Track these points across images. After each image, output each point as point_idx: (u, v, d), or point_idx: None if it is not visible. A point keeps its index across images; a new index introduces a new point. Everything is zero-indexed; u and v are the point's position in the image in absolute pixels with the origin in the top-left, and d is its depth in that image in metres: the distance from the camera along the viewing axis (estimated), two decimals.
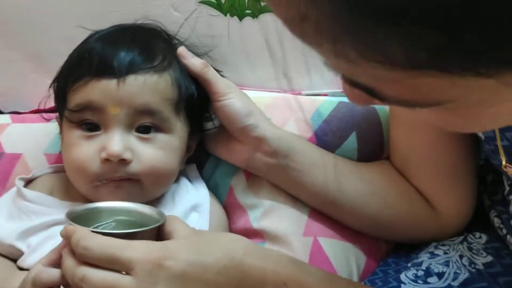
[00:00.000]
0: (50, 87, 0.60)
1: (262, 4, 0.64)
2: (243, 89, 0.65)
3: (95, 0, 0.64)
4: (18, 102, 0.70)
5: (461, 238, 0.60)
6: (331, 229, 0.60)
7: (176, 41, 0.63)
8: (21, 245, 0.52)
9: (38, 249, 0.51)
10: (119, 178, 0.52)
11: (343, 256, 0.59)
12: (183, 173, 0.61)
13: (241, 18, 0.65)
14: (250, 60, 0.68)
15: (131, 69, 0.53)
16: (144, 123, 0.53)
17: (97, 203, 0.48)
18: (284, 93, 0.69)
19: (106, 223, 0.46)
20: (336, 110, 0.64)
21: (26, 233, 0.52)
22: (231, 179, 0.63)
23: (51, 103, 0.66)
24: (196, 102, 0.58)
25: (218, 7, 0.64)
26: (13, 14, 0.65)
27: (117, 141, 0.51)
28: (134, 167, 0.52)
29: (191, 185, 0.60)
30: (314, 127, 0.63)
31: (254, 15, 0.65)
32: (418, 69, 0.25)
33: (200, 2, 0.64)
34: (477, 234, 0.60)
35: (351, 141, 0.63)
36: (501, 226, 0.57)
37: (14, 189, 0.58)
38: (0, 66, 0.68)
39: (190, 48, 0.63)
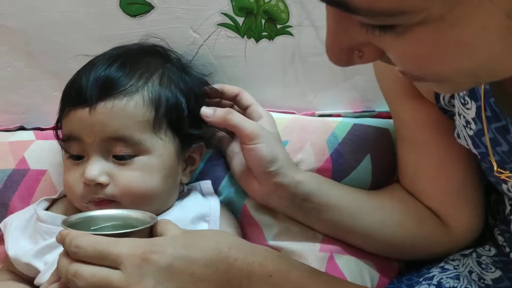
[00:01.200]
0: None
1: (278, 26, 0.66)
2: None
3: (116, 21, 0.66)
4: (40, 119, 0.71)
5: (470, 250, 0.62)
6: (345, 247, 0.62)
7: (175, 56, 0.63)
8: (37, 263, 0.54)
9: (54, 266, 0.52)
10: (99, 199, 0.54)
11: (358, 272, 0.60)
12: (197, 188, 0.63)
13: (257, 40, 0.67)
14: (266, 79, 0.70)
15: (101, 96, 0.54)
16: (118, 154, 0.54)
17: (92, 211, 0.51)
18: (299, 113, 0.70)
19: (101, 227, 0.48)
20: (351, 132, 0.66)
21: (43, 251, 0.54)
22: (245, 197, 0.64)
23: None
24: (185, 115, 0.58)
25: (236, 29, 0.67)
26: (35, 35, 0.67)
27: (93, 167, 0.54)
28: (110, 189, 0.54)
29: (203, 198, 0.61)
30: (330, 150, 0.65)
31: (270, 37, 0.67)
32: None
33: (218, 24, 0.66)
34: (487, 247, 0.62)
35: (366, 163, 0.65)
36: (504, 244, 0.60)
37: (32, 207, 0.60)
38: (22, 84, 0.70)
39: (194, 69, 0.64)
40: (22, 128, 0.71)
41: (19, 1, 0.64)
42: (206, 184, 0.63)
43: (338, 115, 0.70)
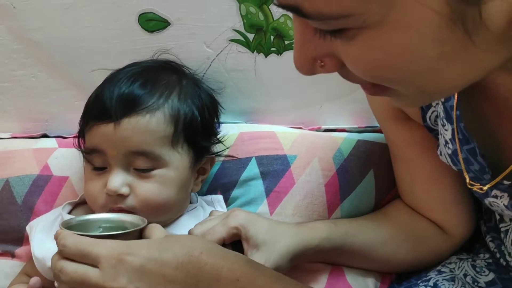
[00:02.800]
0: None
1: (286, 42, 0.70)
2: (268, 121, 0.71)
3: (135, 37, 0.69)
4: (61, 127, 0.75)
5: (468, 256, 0.66)
6: None
7: (188, 71, 0.67)
8: None
9: None
10: (118, 209, 0.57)
11: (361, 279, 0.64)
12: (209, 203, 0.66)
13: (266, 54, 0.71)
14: (274, 91, 0.73)
15: (125, 112, 0.57)
16: (138, 164, 0.57)
17: (89, 215, 0.54)
18: (305, 127, 0.74)
19: (103, 226, 0.52)
20: (356, 148, 0.70)
21: None
22: (255, 211, 0.67)
23: None
24: (200, 128, 0.61)
25: (247, 44, 0.70)
26: (59, 48, 0.70)
27: (114, 179, 0.56)
28: (130, 200, 0.57)
29: (210, 208, 0.64)
30: (336, 166, 0.69)
31: (278, 52, 0.71)
32: None
33: (230, 40, 0.70)
34: (481, 255, 0.65)
35: (369, 178, 0.69)
36: (495, 250, 0.63)
37: (56, 210, 0.63)
38: (46, 93, 0.73)
39: (206, 83, 0.68)
40: (45, 136, 0.74)
41: (45, 17, 0.68)
42: (217, 197, 0.67)
43: (343, 130, 0.73)
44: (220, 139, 0.67)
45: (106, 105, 0.57)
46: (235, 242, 0.58)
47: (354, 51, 0.34)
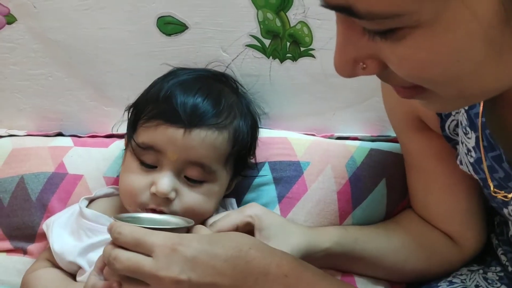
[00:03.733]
0: (125, 110, 0.65)
1: (302, 49, 0.71)
2: (281, 127, 0.72)
3: (153, 39, 0.70)
4: (76, 126, 0.76)
5: (478, 267, 0.66)
6: None
7: (240, 88, 0.69)
8: (81, 261, 0.58)
9: None
10: (160, 210, 0.58)
11: (372, 286, 0.64)
12: (222, 205, 0.66)
13: (282, 60, 0.72)
14: (288, 97, 0.74)
15: (198, 123, 0.58)
16: (191, 174, 0.58)
17: (140, 213, 0.55)
18: (318, 133, 0.75)
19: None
20: (368, 157, 0.70)
21: (86, 250, 0.59)
22: None
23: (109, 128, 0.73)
24: (246, 152, 0.64)
25: (262, 50, 0.71)
26: (77, 48, 0.72)
27: (166, 181, 0.57)
28: (175, 205, 0.58)
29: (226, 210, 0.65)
30: (348, 174, 0.70)
31: (294, 59, 0.72)
32: None
33: (246, 45, 0.71)
34: (493, 268, 0.66)
35: (381, 187, 0.70)
36: (507, 263, 0.63)
37: (75, 207, 0.64)
38: (62, 93, 0.75)
39: (249, 99, 0.69)
40: (60, 134, 0.76)
41: (65, 18, 0.70)
42: (231, 200, 0.68)
43: (356, 138, 0.74)
44: (255, 160, 0.68)
45: (180, 111, 0.58)
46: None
47: (403, 52, 0.34)
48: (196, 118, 0.58)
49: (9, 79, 0.74)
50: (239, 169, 0.64)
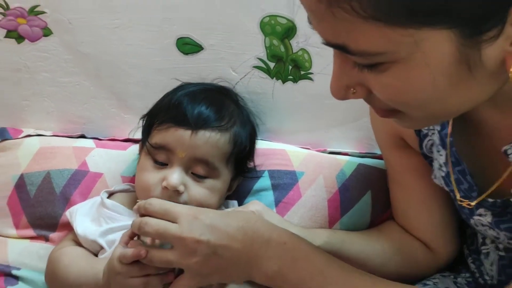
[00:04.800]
0: (141, 118, 0.73)
1: (302, 72, 0.79)
2: (280, 140, 0.79)
3: (171, 57, 0.78)
4: (97, 130, 0.84)
5: (450, 273, 0.73)
6: None
7: (241, 100, 0.77)
8: (101, 241, 0.66)
9: (115, 244, 0.64)
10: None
11: None
12: (226, 206, 0.73)
13: (284, 81, 0.80)
14: (288, 114, 0.82)
15: (203, 125, 0.66)
16: (197, 170, 0.66)
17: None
18: (313, 148, 0.82)
19: None
20: (356, 171, 0.78)
21: (106, 232, 0.66)
22: None
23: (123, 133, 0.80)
24: (245, 155, 0.72)
25: (267, 71, 0.79)
26: (105, 61, 0.79)
27: (176, 176, 0.64)
28: (183, 197, 0.65)
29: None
30: (338, 185, 0.77)
31: (295, 80, 0.79)
32: (374, 20, 0.38)
33: (254, 67, 0.79)
34: (462, 274, 0.72)
35: (367, 197, 0.77)
36: (475, 270, 0.70)
37: (95, 199, 0.71)
38: (87, 100, 0.82)
39: (249, 110, 0.77)
40: (83, 136, 0.83)
41: (96, 34, 0.78)
42: (233, 202, 0.75)
43: (346, 154, 0.81)
44: (253, 163, 0.76)
45: (188, 115, 0.66)
46: None
47: (385, 81, 0.42)
48: (201, 122, 0.66)
49: (40, 85, 0.82)
50: (239, 170, 0.72)
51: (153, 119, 0.69)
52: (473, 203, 0.58)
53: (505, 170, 0.53)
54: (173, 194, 0.64)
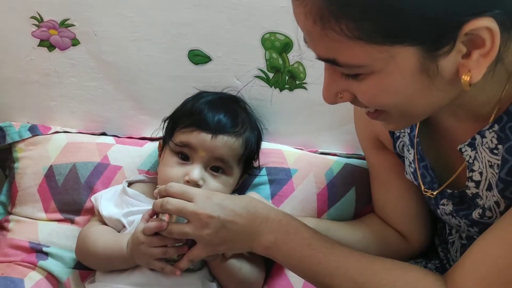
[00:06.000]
0: (163, 121, 0.82)
1: (297, 82, 0.88)
2: (277, 141, 0.88)
3: (183, 66, 0.87)
4: (116, 128, 0.92)
5: (422, 260, 0.81)
6: None
7: (249, 109, 0.86)
8: (124, 220, 0.75)
9: (134, 225, 0.75)
10: None
11: None
12: None
13: (281, 90, 0.88)
14: (284, 119, 0.90)
15: (222, 131, 0.76)
16: (216, 166, 0.76)
17: None
18: (306, 149, 0.91)
19: None
20: (343, 169, 0.86)
21: (127, 214, 0.76)
22: None
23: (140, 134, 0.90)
24: (253, 156, 0.82)
25: (267, 81, 0.88)
26: (125, 68, 0.88)
27: (197, 172, 0.74)
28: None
29: None
30: (326, 181, 0.85)
31: (291, 89, 0.88)
32: (358, 40, 0.46)
33: (255, 76, 0.87)
34: (433, 261, 0.81)
35: (352, 193, 0.85)
36: (443, 258, 0.79)
37: (117, 187, 0.81)
38: (108, 102, 0.91)
39: (256, 117, 0.85)
40: (104, 134, 0.92)
41: (118, 44, 0.86)
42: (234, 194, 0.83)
43: (335, 154, 0.90)
44: (258, 163, 0.85)
45: (209, 122, 0.76)
46: None
47: (363, 88, 0.51)
48: (221, 127, 0.76)
49: (67, 88, 0.90)
50: (246, 169, 0.82)
51: (177, 123, 0.79)
52: (435, 193, 0.67)
53: (460, 165, 0.63)
54: (193, 187, 0.73)
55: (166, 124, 0.82)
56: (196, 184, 0.74)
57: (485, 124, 0.58)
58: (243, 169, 0.81)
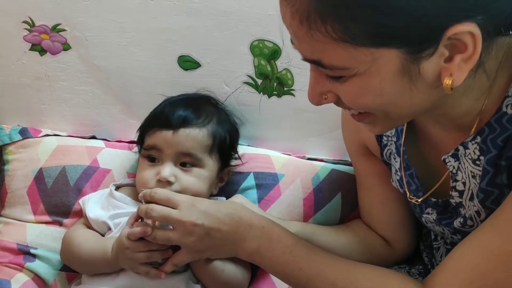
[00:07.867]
0: (137, 132, 0.83)
1: (285, 89, 0.89)
2: (265, 146, 0.89)
3: (173, 72, 0.88)
4: (106, 132, 0.93)
5: (406, 265, 0.82)
6: None
7: (221, 105, 0.87)
8: (110, 223, 0.76)
9: (120, 227, 0.76)
10: None
11: None
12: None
13: (269, 96, 0.89)
14: (272, 125, 0.92)
15: (182, 124, 0.76)
16: (184, 161, 0.76)
17: None
18: (293, 154, 0.92)
19: None
20: (330, 175, 0.88)
21: (113, 217, 0.77)
22: None
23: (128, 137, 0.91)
24: (227, 147, 0.82)
25: (255, 87, 0.89)
26: (115, 73, 0.89)
27: (167, 170, 0.75)
28: (175, 186, 0.75)
29: None
30: (313, 186, 0.86)
31: (279, 95, 0.90)
32: (344, 42, 0.47)
33: (244, 82, 0.89)
34: (416, 266, 0.82)
35: (338, 198, 0.87)
36: (428, 263, 0.80)
37: (105, 190, 0.82)
38: (98, 106, 0.92)
39: (228, 112, 0.86)
40: (94, 137, 0.93)
41: (109, 49, 0.88)
42: (222, 199, 0.84)
43: (321, 160, 0.91)
44: (238, 156, 0.87)
45: (169, 118, 0.77)
46: None
47: (346, 89, 0.52)
48: (180, 121, 0.77)
49: (58, 92, 0.92)
50: (225, 161, 0.82)
51: (145, 129, 0.81)
52: (419, 200, 0.68)
53: (444, 175, 0.64)
54: (166, 185, 0.75)
55: (138, 133, 0.84)
56: (167, 182, 0.75)
57: (467, 134, 0.59)
58: (222, 161, 0.82)
